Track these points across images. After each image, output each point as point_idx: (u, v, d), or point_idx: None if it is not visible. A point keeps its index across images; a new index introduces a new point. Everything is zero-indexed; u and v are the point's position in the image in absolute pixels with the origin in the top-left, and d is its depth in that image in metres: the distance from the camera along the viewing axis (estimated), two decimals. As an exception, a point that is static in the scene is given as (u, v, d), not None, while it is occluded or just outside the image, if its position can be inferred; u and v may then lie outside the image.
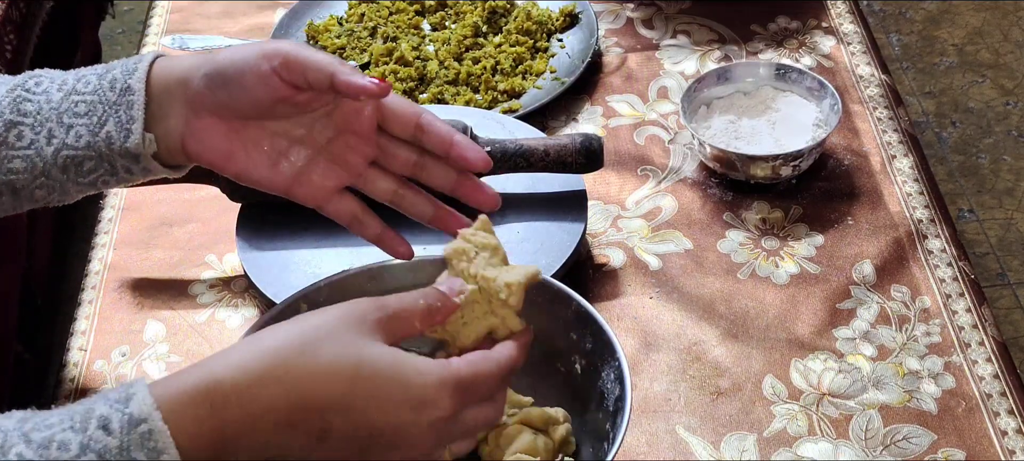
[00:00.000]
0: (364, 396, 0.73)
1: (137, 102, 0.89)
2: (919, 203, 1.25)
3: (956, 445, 1.03)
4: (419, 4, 1.52)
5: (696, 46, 1.47)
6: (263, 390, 0.71)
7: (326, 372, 0.72)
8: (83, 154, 0.90)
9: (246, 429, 0.71)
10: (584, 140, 1.19)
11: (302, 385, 0.72)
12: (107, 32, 2.88)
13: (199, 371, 0.72)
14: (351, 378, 0.73)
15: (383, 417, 0.73)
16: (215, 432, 0.71)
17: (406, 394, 0.74)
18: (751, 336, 1.13)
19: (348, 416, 0.73)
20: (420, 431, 0.74)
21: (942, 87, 2.75)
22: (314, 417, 0.72)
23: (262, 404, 0.71)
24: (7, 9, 2.01)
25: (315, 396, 0.72)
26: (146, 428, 0.69)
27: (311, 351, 0.73)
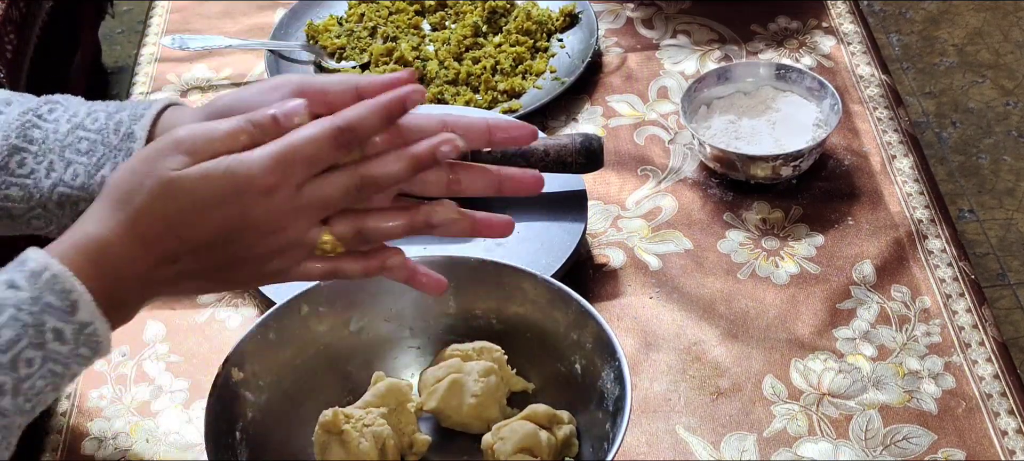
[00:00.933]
0: (183, 210, 0.77)
1: (136, 150, 0.88)
2: (919, 203, 1.25)
3: (956, 445, 1.03)
4: (419, 4, 1.52)
5: (696, 46, 1.47)
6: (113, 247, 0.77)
7: (147, 207, 0.77)
8: (78, 194, 0.89)
9: (119, 282, 0.78)
10: (584, 140, 1.19)
11: (136, 229, 0.77)
12: (107, 32, 2.88)
13: (72, 234, 0.78)
14: (168, 203, 0.77)
15: (209, 219, 0.77)
16: (101, 280, 0.77)
17: (221, 189, 0.77)
18: (751, 336, 1.13)
19: (180, 236, 0.77)
20: (256, 215, 0.77)
21: (942, 87, 2.75)
22: (156, 248, 0.78)
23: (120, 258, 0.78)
24: (7, 9, 2.01)
25: (145, 234, 0.77)
26: (50, 274, 0.75)
27: (131, 198, 0.77)
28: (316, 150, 0.78)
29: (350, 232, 0.81)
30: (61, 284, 0.76)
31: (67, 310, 0.76)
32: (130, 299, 0.80)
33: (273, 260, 0.80)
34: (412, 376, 1.05)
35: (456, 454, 1.01)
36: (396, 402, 1.00)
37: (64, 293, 0.76)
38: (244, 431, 0.95)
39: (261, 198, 0.77)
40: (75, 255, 0.77)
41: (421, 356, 1.05)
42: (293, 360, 1.00)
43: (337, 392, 1.02)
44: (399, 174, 0.80)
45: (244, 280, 0.83)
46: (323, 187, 0.79)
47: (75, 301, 0.76)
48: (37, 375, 0.76)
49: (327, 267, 0.82)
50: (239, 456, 0.94)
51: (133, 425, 1.09)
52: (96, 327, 0.77)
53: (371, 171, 0.80)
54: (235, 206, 0.77)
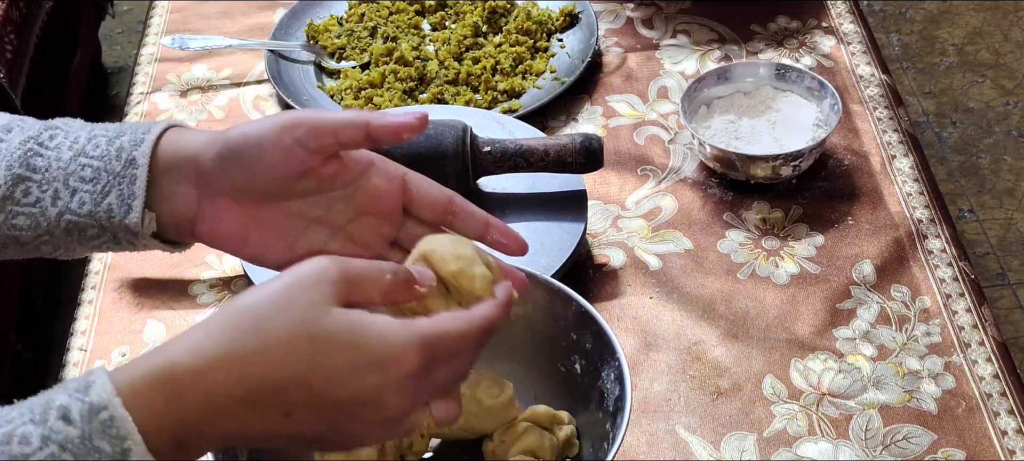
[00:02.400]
0: (323, 367, 0.71)
1: (140, 178, 0.85)
2: (919, 203, 1.25)
3: (956, 445, 1.03)
4: (419, 4, 1.52)
5: (696, 46, 1.47)
6: (218, 374, 0.70)
7: (281, 348, 0.70)
8: (86, 221, 0.86)
9: (206, 415, 0.70)
10: (584, 140, 1.19)
11: (257, 365, 0.70)
12: (107, 32, 2.88)
13: (157, 356, 0.71)
14: (309, 351, 0.70)
15: (346, 385, 0.71)
16: (175, 419, 0.70)
17: (367, 358, 0.71)
18: (751, 336, 1.13)
19: (310, 389, 0.71)
20: (388, 393, 0.72)
21: (942, 87, 2.75)
22: (274, 396, 0.70)
23: (219, 388, 0.70)
24: (7, 9, 2.01)
25: (271, 375, 0.70)
26: (107, 415, 0.68)
27: (265, 327, 0.70)
28: (459, 348, 0.75)
29: (450, 419, 0.77)
30: (117, 429, 0.68)
31: (117, 458, 0.68)
32: (201, 443, 0.72)
33: (371, 435, 0.75)
34: (412, 376, 1.05)
35: (456, 454, 1.01)
36: None
37: (117, 439, 0.68)
38: (244, 431, 0.95)
39: (402, 379, 0.72)
40: (149, 387, 0.69)
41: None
42: (293, 360, 1.00)
43: (337, 392, 1.02)
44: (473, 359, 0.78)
45: (332, 443, 0.76)
46: (443, 379, 0.75)
47: (128, 449, 0.68)
48: None
49: None
50: (239, 456, 0.94)
51: (133, 425, 1.09)
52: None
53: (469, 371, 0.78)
54: (376, 376, 0.71)
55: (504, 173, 1.20)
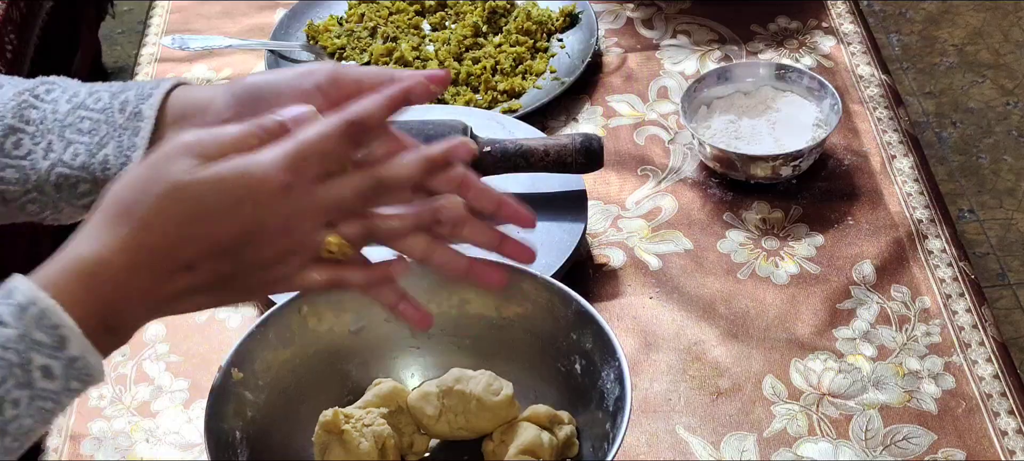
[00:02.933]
0: (200, 215, 0.73)
1: (144, 129, 0.85)
2: (919, 203, 1.25)
3: (956, 445, 1.03)
4: (419, 4, 1.52)
5: (696, 46, 1.47)
6: (120, 256, 0.73)
7: (156, 215, 0.73)
8: (77, 175, 0.86)
9: (122, 293, 0.74)
10: (584, 140, 1.19)
11: (142, 238, 0.73)
12: (107, 32, 2.88)
13: (64, 257, 0.74)
14: (183, 209, 0.73)
15: (226, 223, 0.74)
16: (97, 305, 0.73)
17: (235, 192, 0.73)
18: (751, 336, 1.13)
19: (198, 240, 0.74)
20: (269, 216, 0.74)
21: (942, 87, 2.75)
22: (169, 259, 0.74)
23: (123, 268, 0.73)
24: (7, 9, 2.01)
25: (159, 242, 0.73)
26: (37, 309, 0.71)
27: (140, 198, 0.73)
28: (327, 145, 0.75)
29: (359, 233, 0.78)
30: (49, 319, 0.71)
31: (56, 345, 0.72)
32: (128, 321, 0.76)
33: (278, 265, 0.77)
34: (412, 376, 1.05)
35: (456, 454, 1.01)
36: (396, 403, 1.00)
37: (52, 328, 0.71)
38: (244, 431, 0.95)
39: (275, 198, 0.74)
40: (66, 281, 0.73)
41: (421, 356, 1.05)
42: (293, 360, 1.00)
43: (337, 392, 1.02)
44: (412, 175, 0.78)
45: (248, 289, 0.79)
46: (337, 188, 0.76)
47: (64, 336, 0.72)
48: (24, 414, 0.72)
49: (329, 277, 0.79)
50: (239, 456, 0.94)
51: (133, 425, 1.09)
52: (87, 359, 0.73)
53: (386, 173, 0.77)
54: (250, 207, 0.74)
55: (504, 173, 1.20)
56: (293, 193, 0.74)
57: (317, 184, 0.75)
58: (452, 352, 1.04)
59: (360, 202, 0.77)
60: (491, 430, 0.99)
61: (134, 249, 0.73)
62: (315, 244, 0.77)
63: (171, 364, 1.14)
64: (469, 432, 0.99)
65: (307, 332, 1.01)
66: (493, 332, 1.03)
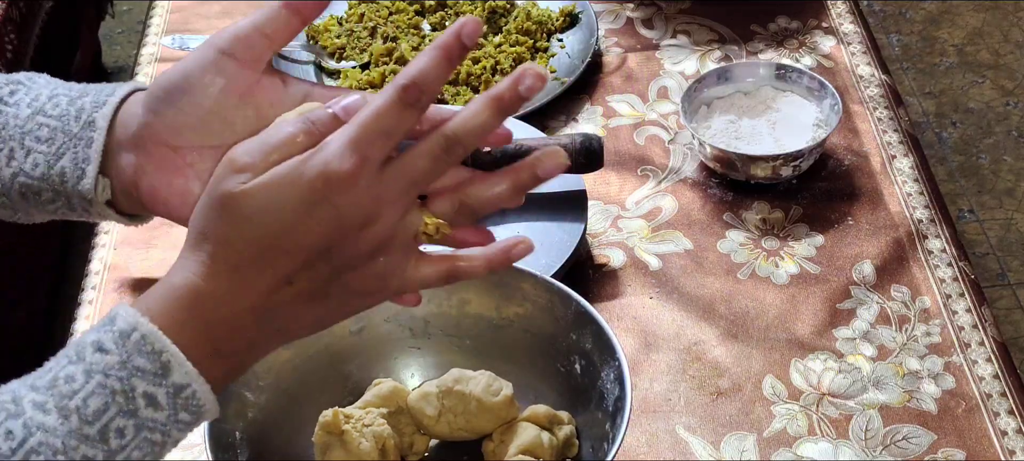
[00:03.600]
0: (268, 225, 0.70)
1: (97, 141, 0.80)
2: (919, 203, 1.25)
3: (956, 445, 1.03)
4: (419, 4, 1.52)
5: (696, 46, 1.47)
6: (206, 280, 0.71)
7: (226, 233, 0.70)
8: (39, 185, 0.82)
9: (227, 318, 0.71)
10: (584, 140, 1.19)
11: (223, 258, 0.70)
12: (107, 32, 2.88)
13: (163, 286, 0.71)
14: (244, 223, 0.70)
15: (307, 228, 0.69)
16: (203, 331, 0.71)
17: (304, 192, 0.69)
18: (751, 336, 1.13)
19: (287, 251, 0.70)
20: (347, 208, 0.70)
21: (942, 87, 2.75)
22: (255, 275, 0.70)
23: (224, 296, 0.71)
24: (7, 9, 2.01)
25: (239, 261, 0.70)
26: (138, 335, 0.69)
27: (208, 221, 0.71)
28: (386, 119, 0.70)
29: (451, 207, 0.73)
30: (150, 344, 0.69)
31: (159, 373, 0.69)
32: (239, 345, 0.72)
33: (380, 258, 0.72)
34: (412, 376, 1.05)
35: (456, 454, 1.01)
36: (396, 403, 1.00)
37: (154, 354, 0.69)
38: (244, 431, 0.95)
39: (345, 190, 0.69)
40: (164, 309, 0.70)
41: (421, 356, 1.05)
42: (293, 360, 1.00)
43: (337, 392, 1.02)
44: (486, 124, 0.72)
45: (360, 291, 0.73)
46: (408, 161, 0.71)
47: (167, 362, 0.69)
48: (132, 446, 0.69)
49: (444, 269, 0.74)
50: (239, 456, 0.94)
51: (133, 425, 1.09)
52: (194, 389, 0.70)
53: (454, 128, 0.72)
54: (323, 206, 0.69)
55: (504, 173, 1.20)
56: (362, 179, 0.69)
57: (387, 162, 0.71)
58: (452, 352, 1.04)
59: (437, 169, 0.72)
60: (491, 430, 0.99)
61: (219, 272, 0.70)
62: (409, 228, 0.72)
63: (171, 364, 1.14)
64: (469, 433, 0.99)
65: (307, 332, 1.01)
66: (493, 332, 1.04)
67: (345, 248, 0.71)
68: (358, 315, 1.02)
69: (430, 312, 1.04)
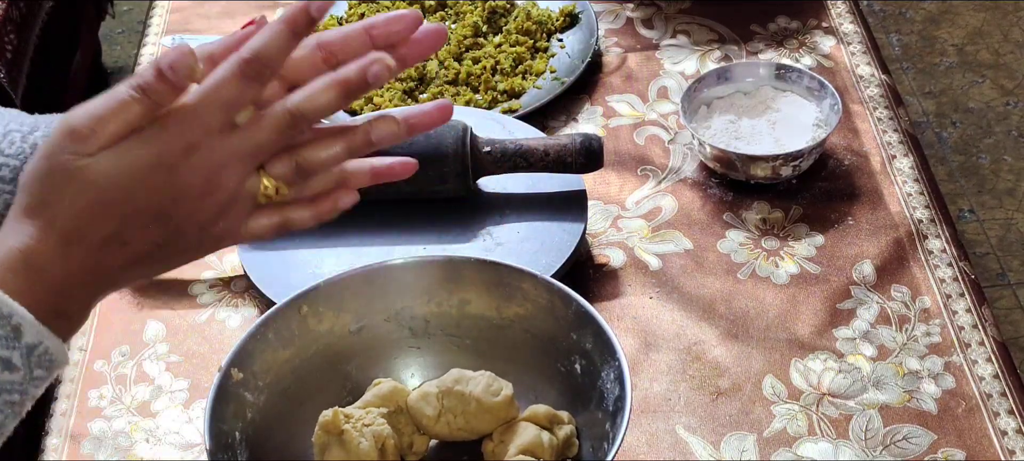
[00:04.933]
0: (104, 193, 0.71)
1: None
2: (919, 203, 1.25)
3: (956, 445, 1.03)
4: (419, 4, 1.52)
5: (696, 46, 1.47)
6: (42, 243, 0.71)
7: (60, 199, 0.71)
8: None
9: (64, 278, 0.72)
10: (584, 140, 1.19)
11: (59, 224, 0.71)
12: (107, 32, 2.88)
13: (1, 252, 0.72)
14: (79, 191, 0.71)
15: (143, 194, 0.71)
16: (43, 292, 0.71)
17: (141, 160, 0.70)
18: (751, 336, 1.13)
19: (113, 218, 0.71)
20: (193, 178, 0.71)
21: (942, 87, 2.75)
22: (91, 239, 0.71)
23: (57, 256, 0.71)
24: (7, 9, 2.01)
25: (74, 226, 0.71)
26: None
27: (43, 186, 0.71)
28: (227, 92, 0.71)
29: (288, 170, 0.75)
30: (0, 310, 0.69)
31: (11, 336, 0.70)
32: (77, 303, 0.73)
33: (218, 221, 0.74)
34: (412, 376, 1.05)
35: (456, 454, 1.01)
36: (396, 403, 1.00)
37: (4, 319, 0.69)
38: (244, 431, 0.95)
39: (185, 159, 0.71)
40: (3, 273, 0.71)
41: (421, 356, 1.05)
42: (293, 360, 1.00)
43: (337, 392, 1.02)
44: (330, 103, 0.73)
45: (193, 248, 0.75)
46: (252, 133, 0.72)
47: (18, 325, 0.70)
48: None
49: (275, 221, 0.76)
50: (239, 456, 0.94)
51: (133, 425, 1.09)
52: (46, 345, 0.71)
53: (299, 105, 0.73)
54: (161, 173, 0.71)
55: (504, 173, 1.20)
56: (202, 149, 0.71)
57: (228, 133, 0.72)
58: (452, 352, 1.04)
59: (279, 141, 0.74)
60: (490, 431, 0.99)
61: (55, 235, 0.71)
62: (248, 193, 0.74)
63: (171, 364, 1.14)
64: (468, 433, 0.99)
65: (307, 332, 1.01)
66: (493, 332, 1.04)
67: (182, 212, 0.72)
68: (358, 315, 1.03)
69: (430, 312, 1.04)
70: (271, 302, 1.11)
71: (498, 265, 1.03)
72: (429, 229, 1.20)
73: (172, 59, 0.70)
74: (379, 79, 0.73)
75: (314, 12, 0.72)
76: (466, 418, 0.98)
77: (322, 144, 0.76)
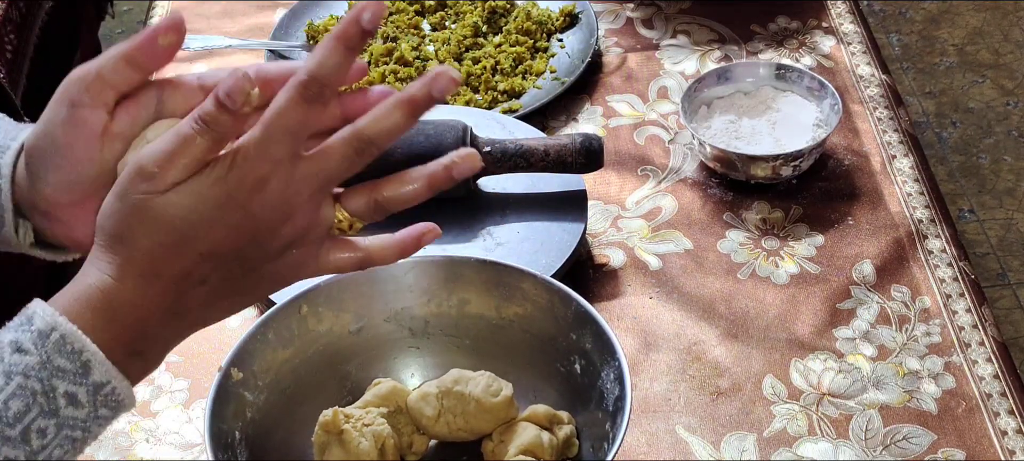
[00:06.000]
0: (178, 230, 0.70)
1: (3, 190, 0.79)
2: (919, 203, 1.25)
3: (956, 445, 1.03)
4: (419, 4, 1.52)
5: (696, 46, 1.47)
6: (120, 281, 0.71)
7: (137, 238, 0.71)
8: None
9: (140, 318, 0.72)
10: (584, 140, 1.19)
11: (135, 261, 0.71)
12: (107, 32, 2.88)
13: (76, 287, 0.72)
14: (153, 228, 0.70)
15: (217, 232, 0.71)
16: (120, 330, 0.71)
17: (214, 196, 0.70)
18: (751, 336, 1.13)
19: (189, 255, 0.71)
20: (266, 212, 0.71)
21: (942, 87, 2.75)
22: (169, 277, 0.71)
23: (138, 295, 0.71)
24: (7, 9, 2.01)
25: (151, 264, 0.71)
26: (57, 335, 0.69)
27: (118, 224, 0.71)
28: (290, 118, 0.70)
29: (364, 206, 0.74)
30: (70, 344, 0.69)
31: (80, 372, 0.70)
32: (153, 343, 0.73)
33: (292, 252, 0.73)
34: (412, 376, 1.05)
35: (456, 454, 1.01)
36: (396, 403, 1.00)
37: (74, 354, 0.69)
38: (244, 431, 0.95)
39: (257, 194, 0.71)
40: (81, 308, 0.70)
41: (421, 356, 1.05)
42: (293, 360, 1.00)
43: (337, 392, 1.02)
44: (398, 124, 0.72)
45: (269, 281, 0.75)
46: (320, 161, 0.72)
47: (88, 361, 0.70)
48: (53, 444, 0.70)
49: (358, 257, 0.76)
50: (239, 456, 0.94)
51: (133, 425, 1.09)
52: (114, 385, 0.71)
53: (367, 130, 0.72)
54: (236, 210, 0.71)
55: (504, 173, 1.20)
56: (273, 179, 0.71)
57: (297, 162, 0.71)
58: (452, 352, 1.04)
59: (349, 168, 0.73)
60: (490, 431, 0.99)
61: (133, 273, 0.71)
62: (322, 222, 0.74)
63: (171, 364, 1.14)
64: (468, 433, 0.99)
65: (307, 332, 1.01)
66: (493, 332, 1.04)
67: (258, 247, 0.72)
68: (358, 315, 1.03)
69: (430, 312, 1.04)
70: (271, 302, 1.11)
71: (498, 265, 1.03)
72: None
73: (228, 87, 0.70)
74: (444, 93, 0.72)
75: (366, 24, 0.71)
76: (466, 418, 0.98)
77: (402, 180, 0.75)
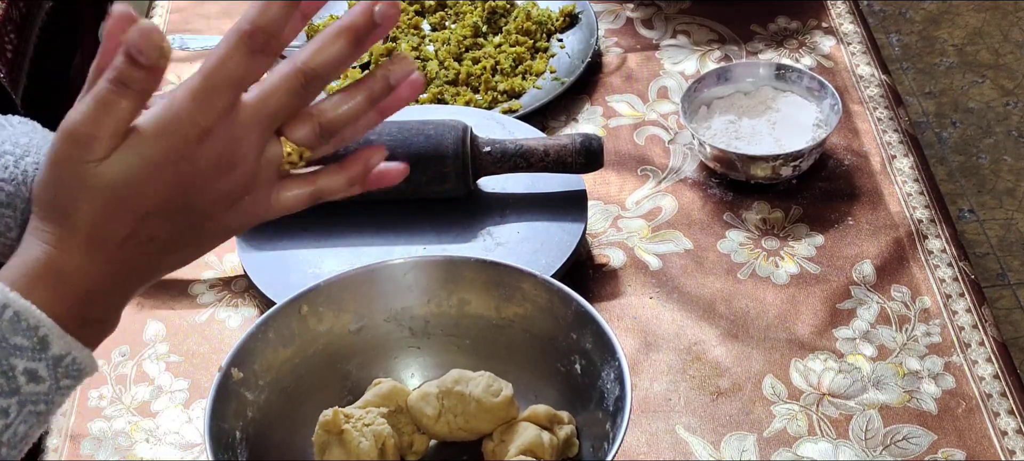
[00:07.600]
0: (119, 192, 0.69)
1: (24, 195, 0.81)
2: (919, 203, 1.25)
3: (956, 445, 1.03)
4: (419, 4, 1.52)
5: (696, 46, 1.47)
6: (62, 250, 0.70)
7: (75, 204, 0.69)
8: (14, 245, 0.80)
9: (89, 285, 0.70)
10: (584, 140, 1.19)
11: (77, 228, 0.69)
12: (107, 32, 2.88)
13: (18, 262, 0.70)
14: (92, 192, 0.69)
15: (160, 187, 0.69)
16: (69, 300, 0.70)
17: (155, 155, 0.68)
18: (751, 336, 1.13)
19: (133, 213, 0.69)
20: (211, 161, 0.69)
21: (942, 87, 2.75)
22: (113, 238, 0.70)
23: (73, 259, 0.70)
24: (7, 9, 2.01)
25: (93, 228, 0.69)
26: (11, 312, 0.68)
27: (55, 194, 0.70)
28: (232, 68, 0.69)
29: (310, 133, 0.72)
30: (25, 320, 0.68)
31: (38, 348, 0.69)
32: (105, 308, 0.72)
33: (244, 197, 0.72)
34: (412, 376, 1.05)
35: (456, 454, 1.01)
36: (396, 403, 1.00)
37: (31, 331, 0.68)
38: (244, 431, 0.95)
39: (199, 144, 0.69)
40: (28, 282, 0.69)
41: (421, 356, 1.05)
42: (293, 360, 1.00)
43: (337, 392, 1.02)
44: (342, 53, 0.70)
45: (223, 228, 0.73)
46: (264, 101, 0.70)
47: (45, 336, 0.69)
48: (17, 421, 0.69)
49: (307, 190, 0.74)
50: (239, 456, 0.94)
51: (133, 425, 1.09)
52: (74, 355, 0.70)
53: (309, 62, 0.70)
54: (177, 165, 0.69)
55: (504, 173, 1.20)
56: (215, 130, 0.69)
57: (239, 107, 0.69)
58: (452, 352, 1.04)
59: (294, 101, 0.71)
60: (490, 431, 0.99)
61: (78, 242, 0.69)
62: (271, 162, 0.72)
63: (171, 364, 1.14)
64: (468, 433, 0.99)
65: (307, 332, 1.01)
66: (493, 332, 1.04)
67: (206, 198, 0.70)
68: (358, 315, 1.03)
69: (430, 312, 1.04)
70: (271, 302, 1.11)
71: (497, 265, 1.03)
72: (429, 229, 1.20)
73: (136, 42, 0.68)
74: (385, 17, 0.70)
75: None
76: (466, 418, 0.98)
77: (343, 98, 0.73)
